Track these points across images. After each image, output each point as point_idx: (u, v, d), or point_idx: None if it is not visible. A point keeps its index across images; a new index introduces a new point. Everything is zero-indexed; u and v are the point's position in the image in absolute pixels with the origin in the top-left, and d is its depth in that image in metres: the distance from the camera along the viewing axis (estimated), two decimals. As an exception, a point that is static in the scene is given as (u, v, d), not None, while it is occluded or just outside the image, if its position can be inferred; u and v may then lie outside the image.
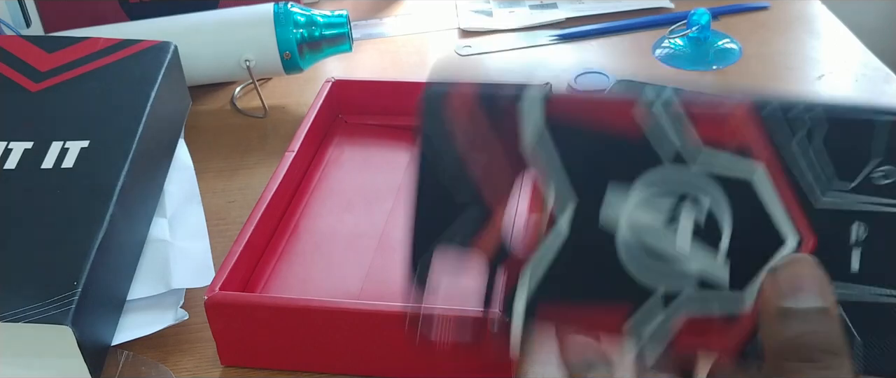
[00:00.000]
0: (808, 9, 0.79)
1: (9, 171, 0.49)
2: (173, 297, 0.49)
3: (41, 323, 0.42)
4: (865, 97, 0.66)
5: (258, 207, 0.51)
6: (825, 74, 0.69)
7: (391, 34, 0.79)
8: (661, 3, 0.80)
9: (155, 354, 0.48)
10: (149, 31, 0.65)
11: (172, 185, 0.55)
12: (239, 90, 0.71)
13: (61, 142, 0.51)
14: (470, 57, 0.75)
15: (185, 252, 0.51)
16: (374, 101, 0.63)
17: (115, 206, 0.47)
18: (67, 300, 0.43)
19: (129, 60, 0.57)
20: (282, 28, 0.65)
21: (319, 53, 0.68)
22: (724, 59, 0.71)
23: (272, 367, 0.47)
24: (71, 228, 0.46)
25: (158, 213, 0.53)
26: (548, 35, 0.77)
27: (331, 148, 0.61)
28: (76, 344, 0.42)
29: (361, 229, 0.54)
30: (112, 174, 0.49)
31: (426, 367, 0.45)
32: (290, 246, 0.53)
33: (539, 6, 0.81)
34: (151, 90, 0.55)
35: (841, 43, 0.74)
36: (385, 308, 0.43)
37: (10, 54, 0.57)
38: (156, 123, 0.54)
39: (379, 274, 0.50)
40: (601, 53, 0.74)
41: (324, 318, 0.44)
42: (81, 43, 0.58)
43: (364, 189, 0.57)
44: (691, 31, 0.71)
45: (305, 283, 0.50)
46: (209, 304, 0.45)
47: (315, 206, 0.56)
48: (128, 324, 0.47)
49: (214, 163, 0.62)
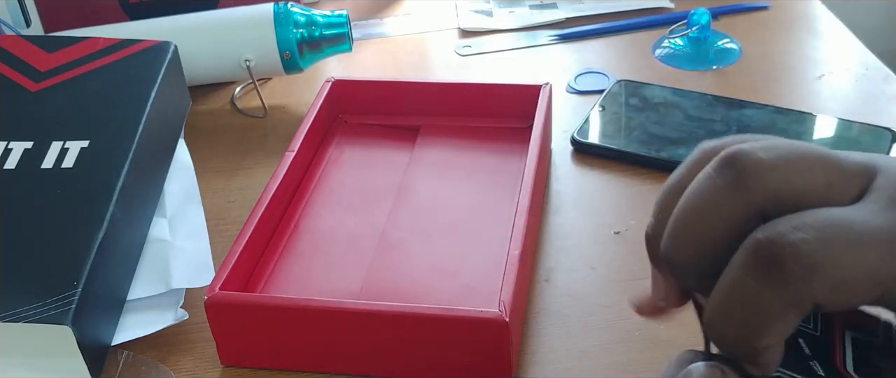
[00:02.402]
0: (808, 9, 0.79)
1: (9, 171, 0.49)
2: (173, 297, 0.49)
3: (41, 323, 0.42)
4: (865, 97, 0.66)
5: (258, 207, 0.51)
6: (825, 74, 0.69)
7: (391, 34, 0.79)
8: (661, 3, 0.80)
9: (155, 354, 0.48)
10: (149, 31, 0.65)
11: (172, 185, 0.55)
12: (239, 90, 0.71)
13: (61, 142, 0.51)
14: (470, 57, 0.75)
15: (184, 252, 0.51)
16: (374, 101, 0.63)
17: (115, 206, 0.48)
18: (67, 300, 0.43)
19: (129, 60, 0.57)
20: (282, 28, 0.65)
21: (319, 53, 0.68)
22: (724, 59, 0.71)
23: (272, 367, 0.47)
24: (71, 228, 0.46)
25: (158, 213, 0.53)
26: (548, 35, 0.77)
27: (331, 148, 0.61)
28: (76, 344, 0.42)
29: (361, 229, 0.54)
30: (112, 174, 0.49)
31: (426, 367, 0.45)
32: (290, 246, 0.53)
33: (539, 6, 0.81)
34: (151, 90, 0.55)
35: (841, 43, 0.74)
36: (385, 308, 0.43)
37: (10, 54, 0.57)
38: (156, 123, 0.54)
39: (379, 274, 0.50)
40: (601, 53, 0.74)
41: (324, 318, 0.44)
42: (81, 43, 0.58)
43: (364, 189, 0.57)
44: (691, 31, 0.71)
45: (305, 283, 0.50)
46: (209, 304, 0.45)
47: (315, 206, 0.56)
48: (128, 324, 0.47)
49: (214, 163, 0.62)
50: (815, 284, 0.26)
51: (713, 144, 0.30)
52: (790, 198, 0.28)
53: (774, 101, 0.64)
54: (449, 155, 0.60)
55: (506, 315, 0.42)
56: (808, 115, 0.62)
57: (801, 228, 0.27)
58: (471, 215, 0.54)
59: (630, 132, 0.62)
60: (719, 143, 0.30)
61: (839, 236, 0.26)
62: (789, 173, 0.28)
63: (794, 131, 0.60)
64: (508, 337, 0.43)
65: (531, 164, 0.52)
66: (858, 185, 0.28)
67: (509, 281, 0.44)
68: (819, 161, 0.28)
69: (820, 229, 0.27)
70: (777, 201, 0.28)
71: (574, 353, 0.47)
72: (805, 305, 0.27)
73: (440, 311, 0.43)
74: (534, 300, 0.50)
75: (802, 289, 0.26)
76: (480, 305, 0.43)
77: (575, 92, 0.69)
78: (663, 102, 0.64)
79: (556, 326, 0.48)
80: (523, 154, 0.56)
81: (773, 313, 0.27)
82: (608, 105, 0.65)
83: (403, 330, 0.44)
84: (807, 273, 0.26)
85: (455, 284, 0.49)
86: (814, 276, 0.26)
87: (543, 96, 0.59)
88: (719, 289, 0.28)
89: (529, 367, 0.46)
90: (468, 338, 0.43)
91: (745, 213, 0.28)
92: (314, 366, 0.46)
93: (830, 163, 0.28)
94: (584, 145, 0.61)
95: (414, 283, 0.49)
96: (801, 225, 0.27)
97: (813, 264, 0.26)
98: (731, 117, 0.62)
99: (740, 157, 0.28)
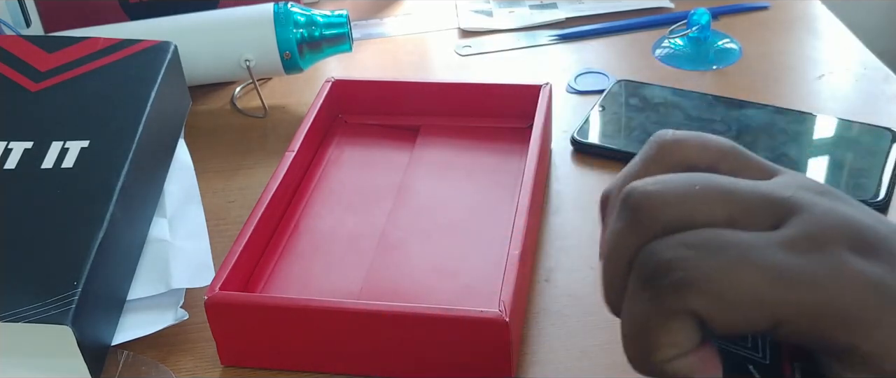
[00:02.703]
0: (808, 9, 0.79)
1: (9, 171, 0.49)
2: (173, 297, 0.49)
3: (41, 323, 0.42)
4: (865, 97, 0.66)
5: (258, 207, 0.51)
6: (825, 74, 0.69)
7: (391, 34, 0.79)
8: (661, 3, 0.80)
9: (155, 354, 0.48)
10: (149, 31, 0.65)
11: (172, 184, 0.55)
12: (239, 90, 0.71)
13: (61, 142, 0.51)
14: (470, 57, 0.75)
15: (184, 252, 0.51)
16: (374, 101, 0.63)
17: (115, 206, 0.48)
18: (67, 300, 0.43)
19: (129, 60, 0.57)
20: (282, 28, 0.65)
21: (319, 53, 0.68)
22: (724, 59, 0.71)
23: (272, 367, 0.47)
24: (71, 228, 0.46)
25: (158, 213, 0.53)
26: (548, 35, 0.77)
27: (331, 148, 0.61)
28: (76, 344, 0.42)
29: (361, 229, 0.54)
30: (112, 174, 0.49)
31: (426, 367, 0.45)
32: (290, 246, 0.53)
33: (539, 6, 0.81)
34: (151, 90, 0.55)
35: (841, 43, 0.74)
36: (385, 308, 0.43)
37: (10, 54, 0.57)
38: (156, 123, 0.54)
39: (379, 274, 0.50)
40: (601, 53, 0.74)
41: (324, 318, 0.44)
42: (81, 43, 0.58)
43: (364, 189, 0.57)
44: (691, 31, 0.71)
45: (305, 283, 0.50)
46: (209, 304, 0.45)
47: (315, 206, 0.56)
48: (128, 324, 0.47)
49: (214, 163, 0.62)
50: (690, 298, 0.27)
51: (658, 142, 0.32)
52: (688, 229, 0.28)
53: (774, 101, 0.64)
54: (449, 155, 0.60)
55: (506, 315, 0.42)
56: (808, 115, 0.62)
57: (675, 246, 0.27)
58: (471, 215, 0.54)
59: (630, 132, 0.62)
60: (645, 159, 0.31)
61: (716, 253, 0.27)
62: (686, 207, 0.28)
63: (793, 131, 0.60)
64: (508, 337, 0.43)
65: (531, 164, 0.52)
66: (767, 220, 0.28)
67: (509, 281, 0.44)
68: (720, 195, 0.28)
69: (695, 246, 0.27)
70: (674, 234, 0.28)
71: (574, 353, 0.47)
72: (683, 317, 0.27)
73: (440, 311, 0.43)
74: (534, 300, 0.50)
75: (676, 301, 0.27)
76: (480, 305, 0.43)
77: (575, 92, 0.69)
78: (663, 102, 0.64)
79: (556, 326, 0.48)
80: (523, 154, 0.56)
81: (655, 326, 0.27)
82: (608, 105, 0.65)
83: (403, 330, 0.44)
84: (678, 286, 0.27)
85: (455, 284, 0.49)
86: (686, 289, 0.27)
87: (543, 96, 0.59)
88: (622, 315, 0.29)
89: (529, 367, 0.46)
90: (468, 338, 0.43)
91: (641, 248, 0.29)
92: (314, 366, 0.46)
93: (734, 197, 0.29)
94: (584, 145, 0.61)
95: (414, 283, 0.49)
96: (679, 242, 0.27)
97: (684, 278, 0.27)
98: (731, 117, 0.62)
99: (633, 195, 0.29)
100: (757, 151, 0.58)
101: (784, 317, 0.27)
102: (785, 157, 0.58)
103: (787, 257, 0.27)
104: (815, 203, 0.29)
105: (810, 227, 0.28)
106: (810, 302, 0.27)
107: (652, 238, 0.28)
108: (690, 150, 0.31)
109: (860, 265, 0.27)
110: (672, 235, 0.28)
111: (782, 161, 0.57)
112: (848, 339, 0.27)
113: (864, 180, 0.55)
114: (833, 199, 0.29)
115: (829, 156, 0.59)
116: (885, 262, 0.27)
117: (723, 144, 0.32)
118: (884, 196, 0.54)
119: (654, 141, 0.32)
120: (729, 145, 0.32)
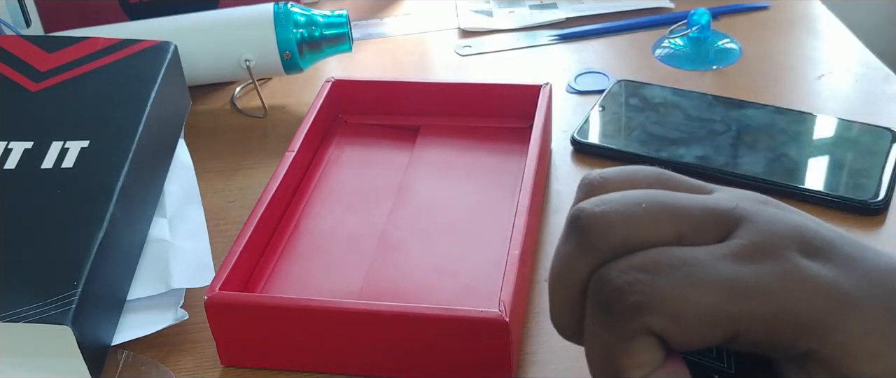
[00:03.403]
0: (808, 9, 0.79)
1: (9, 171, 0.49)
2: (173, 297, 0.49)
3: (41, 323, 0.42)
4: (865, 97, 0.66)
5: (258, 207, 0.51)
6: (825, 74, 0.69)
7: (391, 34, 0.79)
8: (661, 3, 0.80)
9: (155, 354, 0.48)
10: (149, 31, 0.65)
11: (172, 185, 0.55)
12: (239, 90, 0.71)
13: (61, 142, 0.51)
14: (470, 57, 0.75)
15: (184, 252, 0.51)
16: (374, 101, 0.63)
17: (115, 206, 0.48)
18: (67, 300, 0.43)
19: (129, 60, 0.57)
20: (282, 28, 0.65)
21: (319, 53, 0.68)
22: (724, 59, 0.71)
23: (272, 367, 0.47)
24: (71, 228, 0.46)
25: (158, 213, 0.53)
26: (548, 35, 0.77)
27: (331, 148, 0.61)
28: (76, 344, 0.42)
29: (361, 229, 0.54)
30: (112, 174, 0.49)
31: (426, 367, 0.45)
32: (290, 246, 0.53)
33: (539, 6, 0.81)
34: (151, 90, 0.55)
35: (841, 43, 0.74)
36: (385, 308, 0.43)
37: (10, 54, 0.57)
38: (156, 123, 0.54)
39: (379, 274, 0.50)
40: (601, 53, 0.74)
41: (324, 318, 0.44)
42: (81, 43, 0.58)
43: (364, 189, 0.57)
44: (691, 31, 0.71)
45: (305, 283, 0.50)
46: (209, 304, 0.45)
47: (315, 206, 0.56)
48: (128, 324, 0.47)
49: (214, 163, 0.62)
50: (646, 318, 0.27)
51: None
52: (638, 249, 0.28)
53: (774, 101, 0.64)
54: (449, 155, 0.60)
55: (506, 315, 0.42)
56: (808, 115, 0.62)
57: (627, 269, 0.27)
58: (471, 215, 0.54)
59: (630, 132, 0.62)
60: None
61: (668, 273, 0.27)
62: (634, 228, 0.28)
63: (793, 131, 0.60)
64: (508, 337, 0.43)
65: (531, 164, 0.52)
66: (715, 234, 0.29)
67: (509, 281, 0.44)
68: (667, 212, 0.29)
69: (647, 269, 0.27)
70: (623, 255, 0.28)
71: (574, 353, 0.46)
72: (644, 337, 0.27)
73: (440, 311, 0.43)
74: (534, 300, 0.50)
75: (632, 324, 0.27)
76: (480, 305, 0.43)
77: (575, 92, 0.69)
78: (663, 102, 0.64)
79: (556, 326, 0.48)
80: (523, 154, 0.56)
81: (619, 351, 0.28)
82: (608, 105, 0.65)
83: (403, 330, 0.44)
84: (634, 310, 0.27)
85: (455, 284, 0.49)
86: (642, 312, 0.27)
87: (543, 96, 0.59)
88: (585, 342, 0.29)
89: (529, 367, 0.46)
90: (468, 338, 0.43)
91: (593, 270, 0.29)
92: (314, 366, 0.46)
93: (680, 214, 0.29)
94: (584, 145, 0.61)
95: (414, 283, 0.49)
96: (629, 265, 0.28)
97: (638, 302, 0.27)
98: (731, 117, 0.62)
99: (580, 217, 0.29)
100: (757, 151, 0.58)
101: (741, 328, 0.27)
102: (785, 157, 0.58)
103: (738, 268, 0.27)
104: (759, 211, 0.29)
105: (758, 235, 0.28)
106: (765, 312, 0.27)
107: (602, 261, 0.28)
108: (621, 186, 0.31)
109: (812, 268, 0.27)
110: (622, 258, 0.28)
111: (782, 161, 0.57)
112: (805, 345, 0.27)
113: (863, 180, 0.55)
114: (775, 207, 0.29)
115: (829, 156, 0.59)
116: (834, 264, 0.27)
117: (650, 173, 0.31)
118: (884, 196, 0.54)
119: (581, 184, 0.32)
120: (657, 172, 0.31)
